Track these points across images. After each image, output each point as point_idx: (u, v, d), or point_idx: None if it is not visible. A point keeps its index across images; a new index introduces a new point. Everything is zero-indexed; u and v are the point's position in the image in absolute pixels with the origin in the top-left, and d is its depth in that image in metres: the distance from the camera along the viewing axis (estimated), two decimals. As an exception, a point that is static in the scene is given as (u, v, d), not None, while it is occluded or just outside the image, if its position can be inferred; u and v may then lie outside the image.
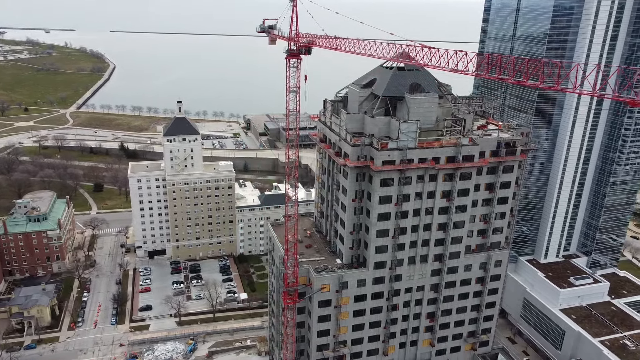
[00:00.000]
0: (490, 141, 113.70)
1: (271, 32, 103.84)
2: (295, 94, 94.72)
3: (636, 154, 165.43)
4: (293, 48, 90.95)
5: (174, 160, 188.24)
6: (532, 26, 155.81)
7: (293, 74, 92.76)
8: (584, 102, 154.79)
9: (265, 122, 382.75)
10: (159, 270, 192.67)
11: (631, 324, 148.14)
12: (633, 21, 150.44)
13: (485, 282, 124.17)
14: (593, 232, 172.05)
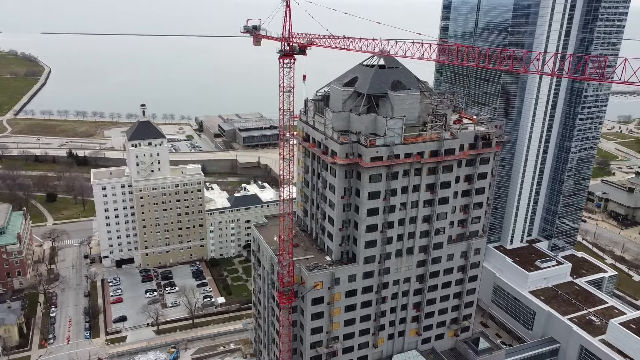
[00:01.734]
0: (468, 134, 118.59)
1: (257, 33, 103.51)
2: (289, 94, 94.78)
3: (587, 142, 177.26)
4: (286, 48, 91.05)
5: (140, 166, 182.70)
6: (493, 23, 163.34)
7: (286, 74, 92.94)
8: (542, 93, 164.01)
9: (220, 124, 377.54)
10: (129, 280, 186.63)
11: (594, 300, 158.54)
12: (583, 18, 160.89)
13: (466, 270, 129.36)
14: (552, 217, 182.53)
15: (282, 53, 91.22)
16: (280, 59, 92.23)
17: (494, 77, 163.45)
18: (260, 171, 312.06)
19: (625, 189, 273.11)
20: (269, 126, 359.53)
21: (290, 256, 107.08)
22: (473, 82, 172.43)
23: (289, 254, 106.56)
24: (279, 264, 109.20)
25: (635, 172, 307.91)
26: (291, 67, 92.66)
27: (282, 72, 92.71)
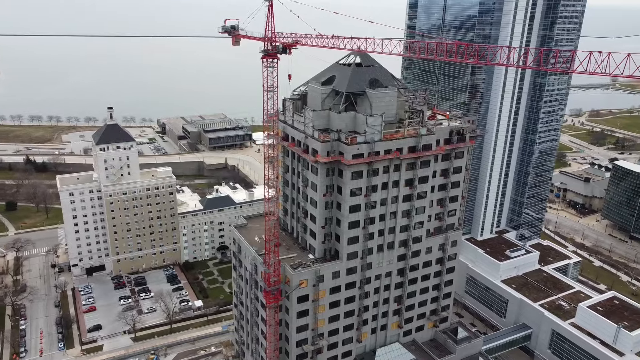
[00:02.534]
0: (443, 130, 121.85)
1: (236, 33, 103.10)
2: (272, 94, 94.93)
3: (550, 135, 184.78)
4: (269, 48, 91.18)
5: (109, 170, 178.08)
6: (459, 20, 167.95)
7: (269, 73, 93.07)
8: (508, 88, 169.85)
9: (184, 125, 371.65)
10: (101, 288, 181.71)
11: (562, 286, 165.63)
12: (543, 16, 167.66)
13: (444, 262, 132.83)
14: (519, 208, 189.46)
15: (265, 53, 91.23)
16: (263, 59, 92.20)
17: (462, 74, 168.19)
18: (227, 172, 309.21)
19: (582, 179, 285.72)
20: (234, 127, 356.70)
21: (277, 255, 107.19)
22: (441, 79, 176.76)
23: (274, 253, 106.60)
24: (264, 263, 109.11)
25: (590, 162, 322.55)
26: (274, 66, 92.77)
27: (265, 71, 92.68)
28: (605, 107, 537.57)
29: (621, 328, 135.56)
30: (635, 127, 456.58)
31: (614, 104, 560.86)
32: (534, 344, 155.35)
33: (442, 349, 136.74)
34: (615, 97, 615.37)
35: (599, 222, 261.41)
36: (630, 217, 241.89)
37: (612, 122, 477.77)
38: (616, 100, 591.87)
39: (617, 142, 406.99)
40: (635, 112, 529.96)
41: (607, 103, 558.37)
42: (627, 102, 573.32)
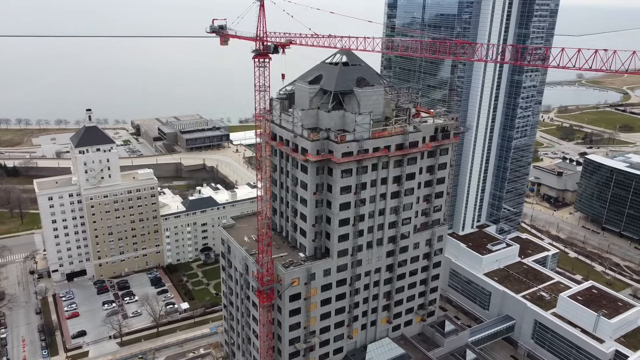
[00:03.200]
0: (429, 127, 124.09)
1: (225, 33, 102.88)
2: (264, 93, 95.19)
3: (527, 130, 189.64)
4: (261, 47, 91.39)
5: (89, 173, 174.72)
6: (439, 19, 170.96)
7: (261, 73, 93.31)
8: (487, 85, 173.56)
9: (159, 127, 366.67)
10: (83, 293, 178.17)
11: (542, 278, 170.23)
12: (519, 15, 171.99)
13: (430, 257, 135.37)
14: (498, 202, 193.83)
15: (257, 52, 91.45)
16: (254, 59, 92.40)
17: (441, 72, 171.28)
18: (206, 173, 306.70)
19: (554, 173, 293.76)
20: (211, 127, 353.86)
21: (270, 255, 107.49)
22: (421, 77, 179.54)
23: (267, 252, 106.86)
24: (257, 263, 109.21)
25: (562, 157, 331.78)
26: (266, 66, 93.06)
27: (256, 71, 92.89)
28: (573, 103, 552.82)
29: (600, 316, 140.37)
30: (601, 122, 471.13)
31: (580, 100, 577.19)
32: (517, 335, 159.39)
33: (430, 342, 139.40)
34: (581, 94, 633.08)
35: (572, 215, 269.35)
36: (602, 209, 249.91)
37: (579, 117, 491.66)
38: (582, 96, 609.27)
39: (586, 136, 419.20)
40: (600, 108, 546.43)
41: (574, 99, 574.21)
42: (593, 98, 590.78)
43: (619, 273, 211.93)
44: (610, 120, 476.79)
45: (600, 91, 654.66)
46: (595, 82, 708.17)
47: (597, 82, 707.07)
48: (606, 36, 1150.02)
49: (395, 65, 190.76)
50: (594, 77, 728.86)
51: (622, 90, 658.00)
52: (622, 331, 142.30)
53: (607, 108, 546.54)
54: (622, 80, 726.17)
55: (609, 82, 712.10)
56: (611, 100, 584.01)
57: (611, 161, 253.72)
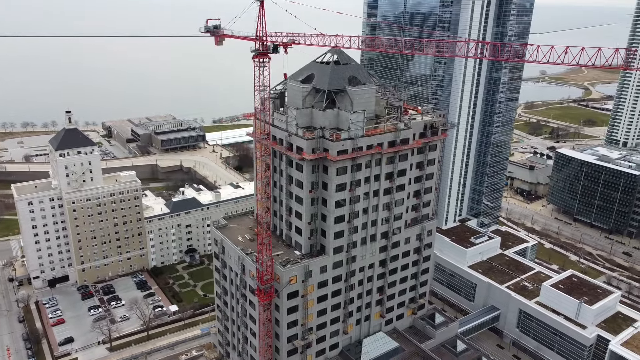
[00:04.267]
0: (418, 124, 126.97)
1: (219, 33, 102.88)
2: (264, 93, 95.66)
3: (505, 126, 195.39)
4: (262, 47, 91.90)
5: (70, 176, 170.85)
6: (420, 18, 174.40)
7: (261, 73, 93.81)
8: (467, 83, 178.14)
9: (133, 128, 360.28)
10: (67, 299, 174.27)
11: (523, 268, 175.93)
12: (496, 14, 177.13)
13: (420, 251, 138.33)
14: (479, 196, 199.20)
15: (257, 52, 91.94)
16: (254, 58, 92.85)
17: (423, 70, 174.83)
18: (183, 174, 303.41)
19: (526, 167, 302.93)
20: (187, 128, 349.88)
21: (270, 253, 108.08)
22: (403, 76, 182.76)
23: (267, 251, 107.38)
24: (257, 262, 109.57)
25: (533, 151, 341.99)
26: (266, 66, 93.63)
27: (256, 71, 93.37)
28: (538, 99, 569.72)
29: (582, 303, 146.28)
30: (566, 117, 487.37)
31: (545, 96, 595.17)
32: (502, 324, 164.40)
33: (422, 334, 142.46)
34: (545, 90, 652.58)
35: (545, 207, 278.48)
36: (573, 201, 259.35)
37: (545, 113, 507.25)
38: (546, 92, 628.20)
39: (552, 131, 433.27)
40: (564, 104, 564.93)
41: (539, 95, 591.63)
42: (557, 94, 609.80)
43: (593, 262, 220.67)
44: (575, 115, 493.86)
45: (563, 87, 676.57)
46: (558, 78, 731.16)
47: (559, 79, 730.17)
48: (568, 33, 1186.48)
49: (377, 63, 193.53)
50: (556, 74, 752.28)
51: (584, 86, 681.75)
52: (603, 317, 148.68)
53: (571, 103, 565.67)
54: (583, 77, 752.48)
55: (570, 79, 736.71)
56: (574, 96, 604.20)
57: (581, 154, 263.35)
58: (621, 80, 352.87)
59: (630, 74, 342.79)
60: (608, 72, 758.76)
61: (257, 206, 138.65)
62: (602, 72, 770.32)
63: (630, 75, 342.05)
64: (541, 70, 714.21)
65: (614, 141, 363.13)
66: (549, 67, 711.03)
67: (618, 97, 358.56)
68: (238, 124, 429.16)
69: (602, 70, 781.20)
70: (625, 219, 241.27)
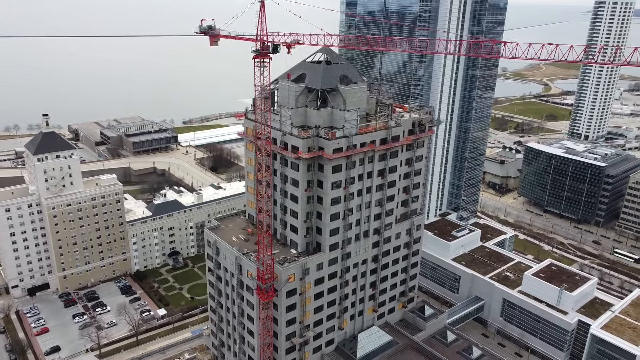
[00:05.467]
0: (407, 121, 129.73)
1: (215, 33, 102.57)
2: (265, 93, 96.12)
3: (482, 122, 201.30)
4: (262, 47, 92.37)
5: (50, 181, 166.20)
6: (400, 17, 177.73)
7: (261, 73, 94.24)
8: (446, 80, 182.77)
9: (102, 130, 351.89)
10: (48, 307, 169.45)
11: (504, 259, 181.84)
12: (472, 14, 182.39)
13: (410, 245, 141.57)
14: (458, 191, 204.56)
15: (258, 52, 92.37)
16: (255, 59, 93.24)
17: (405, 68, 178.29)
18: (157, 177, 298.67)
19: (497, 161, 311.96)
20: (158, 129, 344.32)
21: (271, 253, 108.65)
22: (386, 74, 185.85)
23: (268, 251, 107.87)
24: (258, 261, 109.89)
25: (502, 146, 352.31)
26: (266, 66, 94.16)
27: (257, 72, 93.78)
28: (502, 95, 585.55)
29: (563, 290, 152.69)
30: (529, 112, 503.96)
31: (507, 92, 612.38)
32: (486, 314, 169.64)
33: (413, 327, 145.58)
34: (507, 86, 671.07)
35: (516, 200, 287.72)
36: (543, 193, 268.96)
37: (509, 108, 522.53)
38: (508, 88, 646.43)
39: (517, 126, 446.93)
40: (526, 99, 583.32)
41: (502, 91, 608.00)
42: (518, 90, 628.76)
43: (565, 251, 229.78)
44: (537, 110, 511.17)
45: (524, 83, 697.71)
46: (519, 74, 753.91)
47: (520, 75, 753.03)
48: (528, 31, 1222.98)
49: (357, 62, 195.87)
50: (516, 70, 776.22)
51: (543, 82, 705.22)
52: (582, 302, 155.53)
53: (532, 99, 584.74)
54: (541, 73, 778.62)
55: (530, 75, 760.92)
56: (535, 92, 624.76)
57: (549, 148, 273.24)
58: (581, 76, 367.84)
59: (589, 69, 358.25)
60: (565, 69, 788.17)
61: (248, 206, 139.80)
62: (559, 69, 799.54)
63: (590, 71, 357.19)
64: (502, 67, 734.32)
65: (576, 134, 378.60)
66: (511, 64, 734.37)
67: (579, 92, 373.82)
68: (209, 125, 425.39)
69: (559, 67, 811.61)
70: (593, 209, 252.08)
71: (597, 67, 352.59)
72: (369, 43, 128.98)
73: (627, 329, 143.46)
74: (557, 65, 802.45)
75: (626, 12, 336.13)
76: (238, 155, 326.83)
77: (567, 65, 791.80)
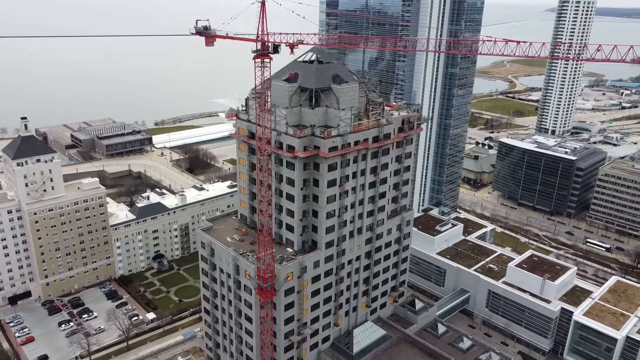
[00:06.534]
0: (397, 119, 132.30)
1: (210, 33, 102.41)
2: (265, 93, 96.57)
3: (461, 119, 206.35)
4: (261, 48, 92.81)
5: (30, 186, 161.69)
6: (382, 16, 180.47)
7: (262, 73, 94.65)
8: (427, 77, 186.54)
9: (73, 133, 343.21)
10: (32, 316, 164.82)
11: (486, 252, 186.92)
12: (451, 14, 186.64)
13: (401, 241, 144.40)
14: (439, 186, 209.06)
15: (258, 52, 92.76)
16: (255, 59, 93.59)
17: (388, 67, 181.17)
18: (134, 180, 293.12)
19: (471, 157, 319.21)
20: (132, 131, 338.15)
21: (271, 252, 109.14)
22: (368, 73, 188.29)
23: (269, 250, 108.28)
24: (258, 261, 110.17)
25: (475, 142, 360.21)
26: (267, 67, 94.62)
27: (257, 72, 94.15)
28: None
29: (546, 280, 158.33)
30: (496, 108, 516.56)
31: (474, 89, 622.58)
32: (472, 306, 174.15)
33: (404, 321, 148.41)
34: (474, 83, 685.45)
35: (491, 194, 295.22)
36: (517, 187, 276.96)
37: (477, 105, 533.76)
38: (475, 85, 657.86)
39: (487, 122, 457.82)
40: (493, 96, 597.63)
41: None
42: (485, 87, 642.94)
43: (540, 242, 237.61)
44: (504, 107, 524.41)
45: (490, 80, 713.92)
46: (485, 72, 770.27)
47: (486, 72, 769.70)
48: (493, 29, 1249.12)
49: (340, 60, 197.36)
50: (482, 67, 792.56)
51: (508, 79, 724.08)
52: (563, 291, 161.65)
53: (499, 96, 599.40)
54: (506, 70, 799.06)
55: (495, 72, 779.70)
56: (501, 89, 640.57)
57: (522, 143, 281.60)
58: (548, 73, 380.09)
59: (555, 66, 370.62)
60: (528, 65, 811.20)
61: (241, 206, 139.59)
62: (523, 65, 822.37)
63: (556, 68, 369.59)
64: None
65: (544, 129, 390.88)
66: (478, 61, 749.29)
67: (545, 88, 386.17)
68: (182, 126, 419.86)
69: (523, 64, 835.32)
70: (564, 201, 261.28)
71: (563, 63, 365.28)
72: (352, 42, 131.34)
73: (607, 314, 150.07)
74: (520, 62, 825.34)
75: (589, 10, 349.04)
76: (215, 156, 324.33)
77: (530, 62, 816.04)
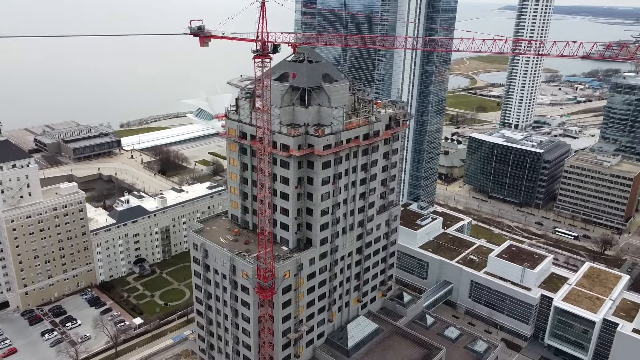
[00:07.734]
0: (385, 117, 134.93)
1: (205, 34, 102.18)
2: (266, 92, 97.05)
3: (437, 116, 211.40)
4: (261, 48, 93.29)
5: (6, 193, 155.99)
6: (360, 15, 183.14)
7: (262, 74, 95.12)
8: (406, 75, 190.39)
9: (37, 137, 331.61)
10: (12, 327, 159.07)
11: (466, 244, 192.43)
12: (426, 13, 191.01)
13: (389, 235, 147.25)
14: (417, 182, 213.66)
15: (259, 53, 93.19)
16: (255, 59, 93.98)
17: (368, 65, 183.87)
18: (104, 183, 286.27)
19: (442, 152, 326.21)
20: (99, 134, 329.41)
21: (272, 251, 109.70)
22: (349, 71, 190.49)
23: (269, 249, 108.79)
24: (258, 260, 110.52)
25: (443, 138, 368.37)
26: (267, 67, 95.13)
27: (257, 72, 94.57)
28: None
29: (526, 268, 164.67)
30: (461, 104, 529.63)
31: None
32: (455, 297, 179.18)
33: (394, 314, 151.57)
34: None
35: (462, 188, 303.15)
36: (487, 180, 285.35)
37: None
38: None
39: (452, 118, 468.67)
40: (456, 92, 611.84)
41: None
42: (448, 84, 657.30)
43: (513, 233, 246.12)
44: (467, 103, 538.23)
45: (451, 77, 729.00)
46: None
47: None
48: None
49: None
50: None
51: (469, 75, 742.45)
52: (542, 278, 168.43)
53: (462, 92, 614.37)
54: (466, 67, 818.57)
55: (456, 69, 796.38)
56: (463, 85, 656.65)
57: (490, 137, 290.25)
58: (510, 69, 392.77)
59: (517, 62, 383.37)
60: (487, 62, 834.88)
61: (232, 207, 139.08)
62: (482, 62, 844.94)
63: (518, 63, 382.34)
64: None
65: (507, 124, 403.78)
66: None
67: (508, 84, 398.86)
68: (149, 127, 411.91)
69: (482, 61, 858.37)
70: (533, 193, 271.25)
71: (524, 59, 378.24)
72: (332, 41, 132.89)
73: (584, 299, 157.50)
74: (479, 59, 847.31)
75: (547, 8, 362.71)
76: (186, 157, 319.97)
77: (489, 59, 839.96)
